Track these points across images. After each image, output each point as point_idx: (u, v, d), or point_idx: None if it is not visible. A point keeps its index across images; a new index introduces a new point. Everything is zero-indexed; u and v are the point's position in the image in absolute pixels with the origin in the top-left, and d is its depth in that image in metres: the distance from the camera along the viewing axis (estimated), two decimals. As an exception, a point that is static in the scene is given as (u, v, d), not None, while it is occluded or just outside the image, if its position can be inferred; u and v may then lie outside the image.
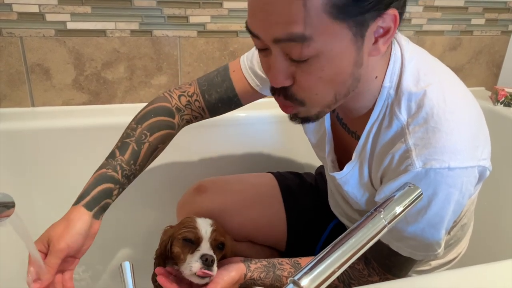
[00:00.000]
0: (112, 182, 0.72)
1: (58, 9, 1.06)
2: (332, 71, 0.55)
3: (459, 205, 0.65)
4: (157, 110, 0.81)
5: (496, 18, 1.42)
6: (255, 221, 0.95)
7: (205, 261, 0.70)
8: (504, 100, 1.33)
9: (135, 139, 0.76)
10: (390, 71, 0.64)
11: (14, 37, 1.06)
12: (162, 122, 0.80)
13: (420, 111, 0.61)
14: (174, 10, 1.13)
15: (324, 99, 0.59)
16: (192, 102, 0.84)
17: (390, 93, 0.64)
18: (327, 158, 0.78)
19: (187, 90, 0.84)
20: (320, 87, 0.57)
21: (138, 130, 0.77)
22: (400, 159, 0.62)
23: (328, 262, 0.47)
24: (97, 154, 1.11)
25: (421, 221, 0.64)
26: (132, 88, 1.19)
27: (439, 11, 1.35)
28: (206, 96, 0.84)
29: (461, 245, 0.86)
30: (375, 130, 0.66)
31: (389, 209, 0.53)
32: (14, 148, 1.05)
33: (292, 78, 0.57)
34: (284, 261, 0.78)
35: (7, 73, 1.08)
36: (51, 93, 1.13)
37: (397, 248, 0.69)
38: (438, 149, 0.59)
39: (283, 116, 1.22)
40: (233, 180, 1.01)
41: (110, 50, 1.13)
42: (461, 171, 0.60)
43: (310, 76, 0.56)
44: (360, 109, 0.68)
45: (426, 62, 0.67)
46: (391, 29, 0.55)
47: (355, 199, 0.75)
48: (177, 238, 0.77)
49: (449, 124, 0.60)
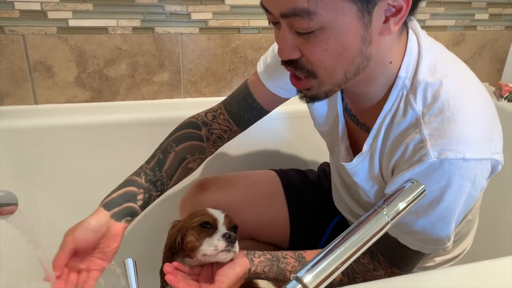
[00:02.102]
0: (135, 186, 0.74)
1: (60, 7, 1.06)
2: (337, 44, 0.56)
3: (470, 198, 0.64)
4: (183, 125, 0.85)
5: (500, 13, 1.41)
6: (258, 219, 0.96)
7: (228, 238, 0.71)
8: (508, 95, 1.32)
9: (161, 150, 0.80)
10: (406, 61, 0.64)
11: (16, 34, 1.06)
12: (188, 133, 0.83)
13: (436, 102, 0.61)
14: (176, 7, 1.13)
15: (334, 75, 0.60)
16: (217, 116, 0.87)
17: (405, 84, 0.64)
18: (340, 145, 0.77)
19: (212, 108, 0.89)
20: (328, 61, 0.58)
21: (165, 144, 0.81)
22: (414, 149, 0.62)
23: (330, 259, 0.47)
24: (100, 151, 1.12)
25: (432, 214, 0.64)
26: (134, 85, 1.19)
27: (442, 6, 1.34)
28: (228, 107, 0.87)
29: (466, 241, 0.86)
30: (388, 121, 0.66)
31: (392, 205, 0.52)
32: (17, 145, 1.06)
33: (299, 51, 0.59)
34: (289, 255, 0.78)
35: (9, 71, 1.08)
36: (53, 90, 1.14)
37: (405, 241, 0.69)
38: (453, 140, 0.59)
39: (286, 113, 1.23)
40: (235, 178, 1.01)
41: (112, 48, 1.13)
42: (476, 163, 0.60)
43: (315, 48, 0.57)
44: (373, 96, 0.68)
45: (443, 55, 0.67)
46: (403, 9, 0.55)
47: (365, 190, 0.75)
48: (190, 227, 0.77)
49: (465, 115, 0.60)
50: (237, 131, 0.89)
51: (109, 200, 0.70)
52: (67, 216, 1.13)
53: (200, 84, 1.24)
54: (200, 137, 0.84)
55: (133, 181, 0.74)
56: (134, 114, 1.14)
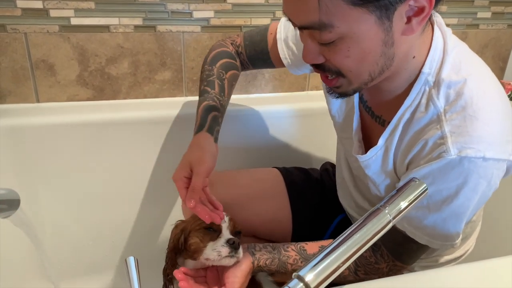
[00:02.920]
0: (217, 110, 0.83)
1: (62, 5, 1.06)
2: (358, 50, 0.57)
3: (484, 197, 0.65)
4: (223, 53, 0.93)
5: (503, 11, 1.40)
6: (261, 216, 0.96)
7: (232, 244, 0.72)
8: (510, 94, 1.32)
9: (216, 76, 0.88)
10: (430, 57, 0.64)
11: (19, 33, 1.06)
12: (230, 63, 0.92)
13: (459, 99, 0.61)
14: (178, 5, 1.13)
15: (360, 77, 0.61)
16: (239, 53, 0.96)
17: (428, 80, 0.64)
18: (354, 137, 0.78)
19: (235, 40, 0.96)
20: (351, 65, 0.59)
21: (215, 70, 0.89)
22: (433, 145, 0.62)
23: (332, 258, 0.47)
24: (102, 149, 1.12)
25: (445, 210, 0.64)
26: (136, 83, 1.19)
27: (445, 5, 1.33)
28: (247, 51, 0.95)
29: (469, 242, 0.86)
30: (408, 117, 0.66)
31: (393, 204, 0.52)
32: (19, 144, 1.06)
33: (323, 56, 0.61)
34: (290, 247, 0.78)
35: (11, 69, 1.08)
36: (55, 89, 1.14)
37: (414, 235, 0.69)
38: (474, 138, 0.59)
39: (289, 111, 1.23)
40: (239, 175, 1.01)
41: (114, 46, 1.13)
42: (494, 163, 0.61)
43: (337, 55, 0.59)
44: (393, 91, 0.68)
45: (468, 54, 0.68)
46: (426, 8, 0.55)
47: (376, 183, 0.75)
48: (194, 229, 0.78)
49: (487, 115, 0.60)
50: (250, 69, 1.00)
51: (208, 125, 0.80)
52: (69, 213, 1.14)
53: (201, 83, 1.24)
54: (237, 67, 0.94)
55: (213, 106, 0.83)
56: (136, 112, 1.15)
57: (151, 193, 1.19)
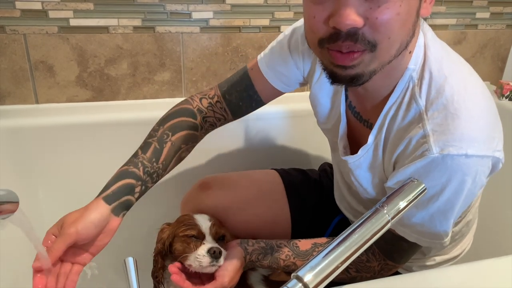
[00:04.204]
0: (133, 178, 0.72)
1: (61, 6, 1.06)
2: (407, 8, 0.53)
3: (470, 194, 0.65)
4: (179, 112, 0.83)
5: (501, 11, 1.41)
6: (260, 218, 0.96)
7: (213, 254, 0.73)
8: (509, 94, 1.33)
9: (157, 138, 0.78)
10: (415, 53, 0.64)
11: (18, 34, 1.06)
12: (184, 122, 0.81)
13: (440, 97, 0.61)
14: (177, 6, 1.13)
15: (392, 48, 0.56)
16: (213, 104, 0.85)
17: (413, 76, 0.64)
18: (339, 143, 0.78)
19: (208, 93, 0.86)
20: (396, 27, 0.54)
21: (160, 131, 0.79)
22: (416, 144, 0.62)
23: (331, 258, 0.47)
24: (101, 150, 1.12)
25: (431, 207, 0.64)
26: (135, 84, 1.19)
27: (444, 5, 1.34)
28: (227, 96, 0.85)
29: (465, 241, 0.86)
30: (393, 113, 0.66)
31: (392, 204, 0.53)
32: (18, 144, 1.06)
33: (364, 18, 0.53)
34: (283, 243, 0.79)
35: (11, 70, 1.09)
36: (55, 90, 1.14)
37: (403, 233, 0.69)
38: (456, 136, 0.59)
39: (287, 112, 1.23)
40: (237, 177, 1.01)
41: (113, 47, 1.13)
42: (477, 160, 0.60)
43: (388, 11, 0.52)
44: (382, 91, 0.67)
45: (447, 51, 0.68)
46: None
47: (364, 185, 0.75)
48: (178, 235, 0.79)
49: (469, 112, 0.60)
50: (230, 120, 0.88)
51: (109, 193, 0.68)
52: (68, 214, 1.14)
53: (201, 83, 1.24)
54: (195, 126, 0.83)
55: (131, 172, 0.72)
56: (135, 113, 1.15)
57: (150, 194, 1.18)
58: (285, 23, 1.22)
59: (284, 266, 0.77)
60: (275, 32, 1.22)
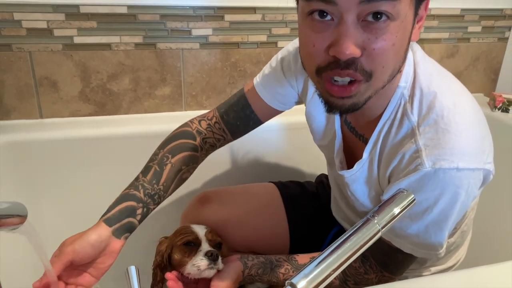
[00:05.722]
0: (135, 200, 0.73)
1: (65, 25, 1.09)
2: (400, 38, 0.56)
3: (463, 206, 0.66)
4: (178, 135, 0.85)
5: (493, 25, 1.44)
6: (258, 231, 0.97)
7: (210, 256, 0.74)
8: (501, 106, 1.35)
9: (157, 161, 0.79)
10: (405, 71, 0.66)
11: (23, 52, 1.09)
12: (183, 144, 0.83)
13: (430, 113, 0.63)
14: (177, 24, 1.17)
15: (385, 75, 0.59)
16: (212, 125, 0.88)
17: (404, 94, 0.66)
18: (335, 158, 0.80)
19: (206, 116, 0.89)
20: (390, 57, 0.56)
21: (160, 154, 0.81)
22: (410, 159, 0.64)
23: (324, 266, 0.49)
24: (104, 164, 1.15)
25: (426, 219, 0.66)
26: (136, 99, 1.22)
27: (436, 19, 1.37)
28: (225, 117, 0.87)
29: (460, 251, 0.88)
30: (386, 130, 0.68)
31: (383, 214, 0.55)
32: (23, 158, 1.09)
33: (361, 49, 0.55)
34: (282, 258, 0.80)
35: (16, 86, 1.12)
36: (58, 105, 1.17)
37: (399, 244, 0.70)
38: (447, 150, 0.61)
39: (284, 125, 1.25)
40: (236, 191, 1.02)
41: (115, 63, 1.17)
42: (468, 173, 0.62)
43: (385, 42, 0.55)
44: (375, 109, 0.69)
45: (436, 68, 0.70)
46: (424, 18, 0.59)
47: (361, 199, 0.77)
48: (176, 245, 0.81)
49: (458, 127, 0.62)
50: (230, 140, 0.90)
51: (110, 215, 0.69)
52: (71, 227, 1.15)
53: (200, 97, 1.27)
54: (195, 147, 0.85)
55: (132, 195, 0.73)
56: (136, 126, 1.18)
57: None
58: (282, 39, 1.25)
59: (283, 279, 0.78)
60: (273, 48, 1.25)
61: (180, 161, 0.81)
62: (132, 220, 0.71)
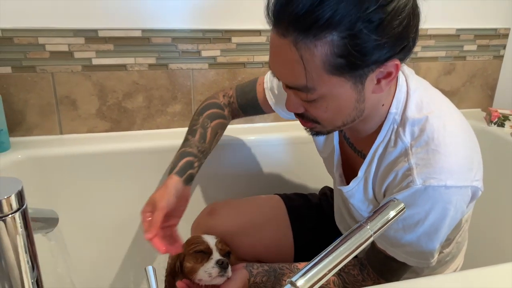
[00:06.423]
0: (192, 155, 0.87)
1: (84, 48, 1.16)
2: (335, 108, 0.66)
3: (453, 220, 0.72)
4: (211, 105, 0.99)
5: (488, 44, 1.48)
6: (265, 242, 1.01)
7: (221, 264, 0.79)
8: (497, 120, 1.40)
9: (200, 125, 0.94)
10: (396, 99, 0.72)
11: (46, 73, 1.16)
12: (217, 113, 0.98)
13: (422, 135, 0.68)
14: (188, 46, 1.23)
15: (334, 124, 0.70)
16: (231, 103, 1.02)
17: (396, 119, 0.72)
18: (335, 173, 0.86)
19: (228, 93, 1.03)
20: (328, 117, 0.68)
21: (200, 119, 0.95)
22: (402, 176, 0.69)
23: (321, 266, 0.55)
24: (119, 176, 1.20)
25: (417, 230, 0.71)
26: (149, 115, 1.28)
27: (433, 39, 1.42)
28: (239, 100, 1.01)
29: (457, 261, 0.92)
30: (381, 151, 0.73)
31: (375, 221, 0.60)
32: (44, 172, 1.14)
33: (303, 108, 0.68)
34: (285, 266, 0.85)
35: (39, 104, 1.18)
36: (77, 121, 1.23)
37: (393, 253, 0.75)
38: (437, 169, 0.66)
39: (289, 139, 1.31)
40: (242, 203, 1.07)
41: (130, 83, 1.23)
42: (456, 190, 0.67)
43: (317, 110, 0.67)
44: (368, 130, 0.76)
45: (428, 93, 0.75)
46: (393, 73, 0.63)
47: (359, 211, 0.82)
48: (188, 254, 0.85)
49: (447, 148, 0.67)
50: (242, 116, 1.05)
51: (178, 169, 0.83)
52: (88, 238, 1.21)
53: (209, 114, 1.33)
54: (225, 116, 0.99)
55: (189, 152, 0.88)
56: (149, 142, 1.23)
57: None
58: (285, 59, 1.31)
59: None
60: (277, 67, 1.31)
61: (216, 126, 0.96)
62: (192, 172, 0.86)
